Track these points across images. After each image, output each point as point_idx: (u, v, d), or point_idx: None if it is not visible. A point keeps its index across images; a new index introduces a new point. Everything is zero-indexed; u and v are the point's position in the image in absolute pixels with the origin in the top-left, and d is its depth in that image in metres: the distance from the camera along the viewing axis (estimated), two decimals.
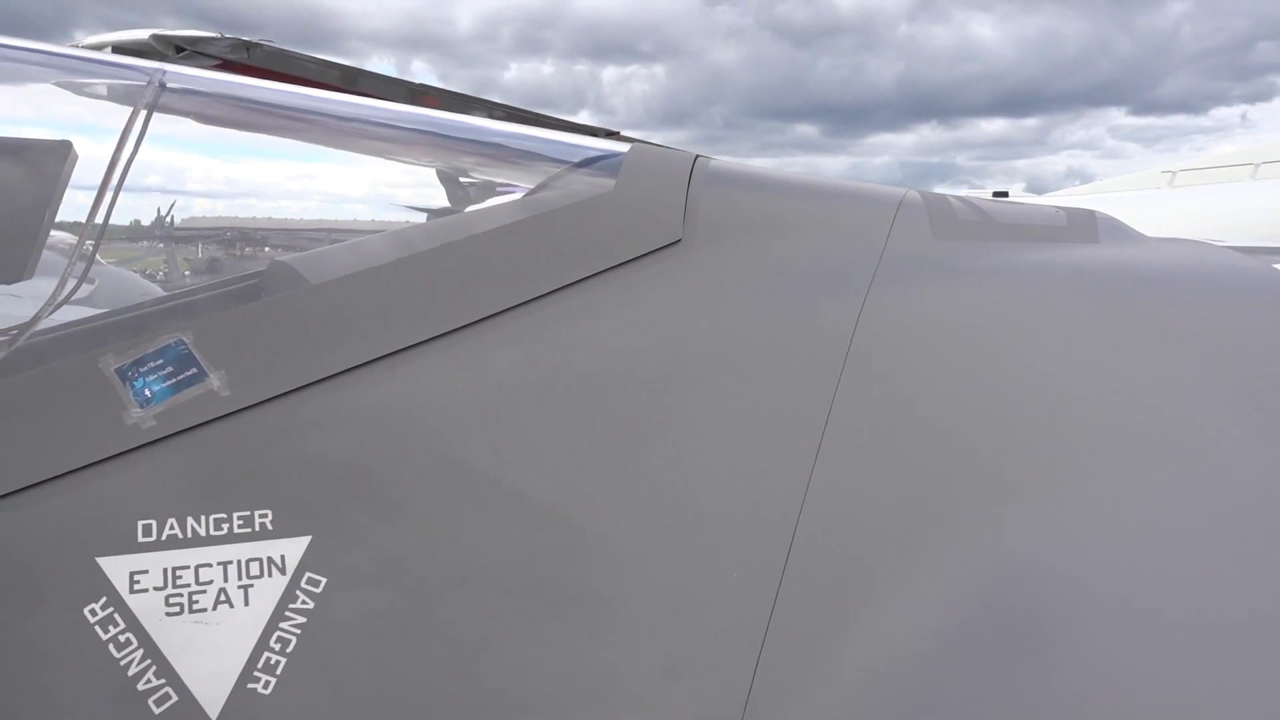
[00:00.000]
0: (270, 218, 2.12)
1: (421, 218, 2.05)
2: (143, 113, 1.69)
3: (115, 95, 1.90)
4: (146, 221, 1.86)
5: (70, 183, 1.69)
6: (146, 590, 1.25)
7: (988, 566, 1.34)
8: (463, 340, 1.50)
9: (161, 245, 1.95)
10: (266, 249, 2.04)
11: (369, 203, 2.14)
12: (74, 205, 1.68)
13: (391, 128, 2.14)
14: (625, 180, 1.74)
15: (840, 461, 1.44)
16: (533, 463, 1.43)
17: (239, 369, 1.39)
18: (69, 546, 1.26)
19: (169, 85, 1.76)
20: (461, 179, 2.13)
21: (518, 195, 1.95)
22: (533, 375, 1.51)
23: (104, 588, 1.24)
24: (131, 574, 1.25)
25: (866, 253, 1.73)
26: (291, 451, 1.38)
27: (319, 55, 7.29)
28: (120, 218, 1.67)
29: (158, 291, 1.94)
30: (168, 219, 1.90)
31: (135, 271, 1.96)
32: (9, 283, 1.64)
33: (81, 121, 1.95)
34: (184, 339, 1.39)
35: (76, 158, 1.71)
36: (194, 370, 1.37)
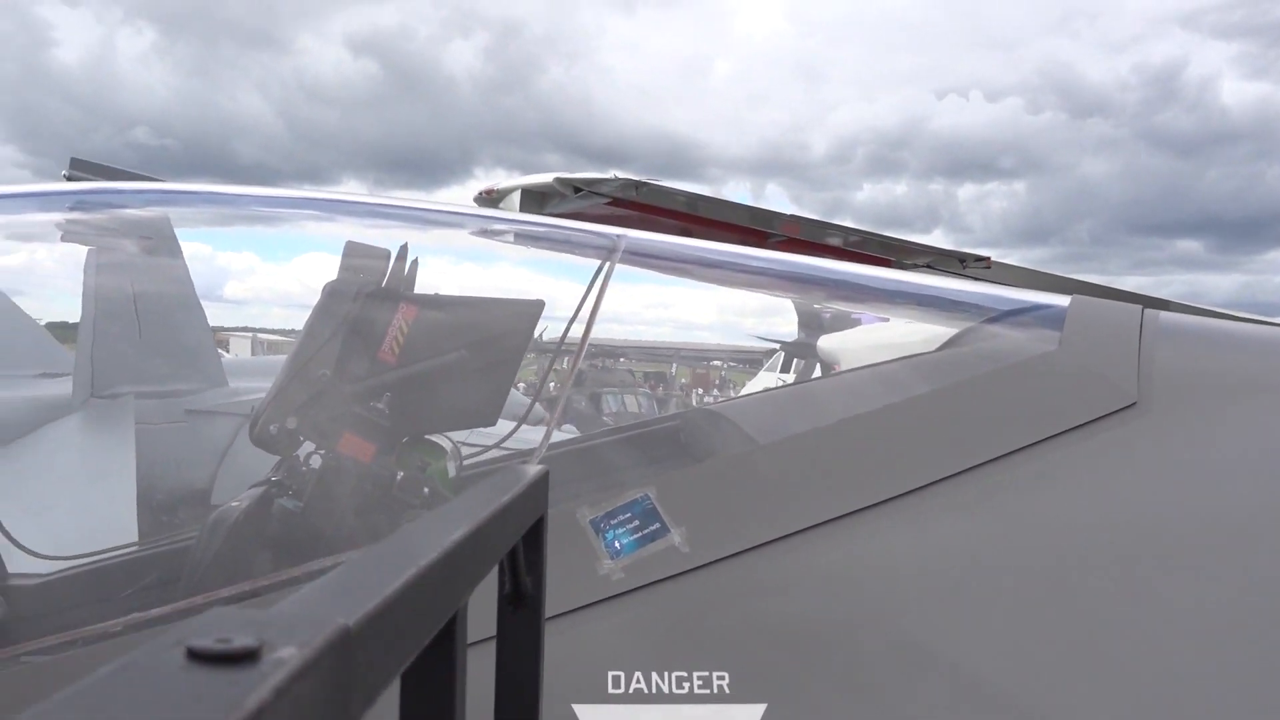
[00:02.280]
0: (713, 366, 2.23)
1: (854, 374, 2.06)
2: (606, 269, 1.85)
3: (583, 254, 2.10)
4: (608, 371, 2.01)
5: (543, 335, 1.88)
6: None
7: None
8: (909, 506, 1.46)
9: (617, 393, 2.10)
10: (712, 397, 2.14)
11: (805, 358, 2.20)
12: (545, 355, 1.86)
13: (810, 280, 2.19)
14: (1070, 336, 1.65)
15: None
16: (989, 643, 1.34)
17: (697, 525, 1.43)
18: (549, 689, 1.34)
19: (626, 249, 1.92)
20: (891, 335, 2.12)
21: (953, 350, 1.91)
22: (984, 546, 1.43)
23: None
24: None
25: None
26: (745, 612, 1.39)
27: (687, 188, 7.77)
28: (588, 366, 1.83)
29: (622, 439, 2.08)
30: (626, 368, 2.05)
31: (605, 418, 2.12)
32: (487, 425, 1.83)
33: (553, 278, 2.18)
34: (649, 494, 1.46)
35: (542, 311, 1.90)
36: (658, 525, 1.43)
